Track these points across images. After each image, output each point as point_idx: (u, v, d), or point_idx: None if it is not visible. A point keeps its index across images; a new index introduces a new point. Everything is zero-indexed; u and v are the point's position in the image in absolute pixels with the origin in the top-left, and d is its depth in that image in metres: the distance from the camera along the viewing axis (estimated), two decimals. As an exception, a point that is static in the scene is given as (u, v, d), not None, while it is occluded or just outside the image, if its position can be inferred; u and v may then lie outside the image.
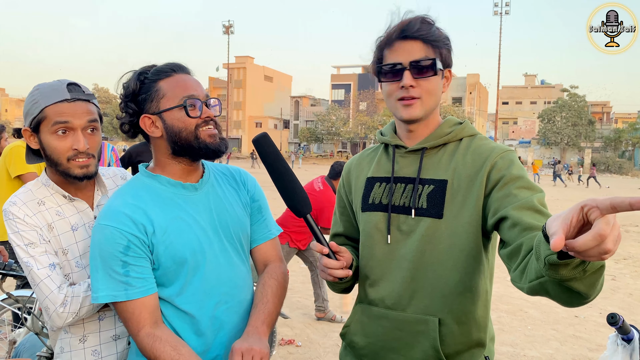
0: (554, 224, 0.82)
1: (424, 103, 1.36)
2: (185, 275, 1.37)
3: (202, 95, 1.40)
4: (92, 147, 1.49)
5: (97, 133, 1.51)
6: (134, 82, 1.39)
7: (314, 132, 62.31)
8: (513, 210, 1.19)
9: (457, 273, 1.32)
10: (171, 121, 1.37)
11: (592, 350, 4.44)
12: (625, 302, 5.96)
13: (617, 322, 1.55)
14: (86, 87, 1.53)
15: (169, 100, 1.37)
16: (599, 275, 0.96)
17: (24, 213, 1.44)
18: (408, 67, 1.33)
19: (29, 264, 1.41)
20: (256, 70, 74.74)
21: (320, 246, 1.31)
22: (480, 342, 1.37)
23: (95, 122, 1.50)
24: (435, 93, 1.37)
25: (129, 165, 4.57)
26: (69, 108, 1.45)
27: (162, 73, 1.39)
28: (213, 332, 1.41)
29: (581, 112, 52.65)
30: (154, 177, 1.41)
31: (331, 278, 1.34)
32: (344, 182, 1.61)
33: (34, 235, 1.43)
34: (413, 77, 1.33)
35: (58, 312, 1.39)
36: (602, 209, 0.77)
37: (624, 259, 8.52)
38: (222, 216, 1.46)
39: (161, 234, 1.34)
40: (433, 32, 1.34)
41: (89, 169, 1.49)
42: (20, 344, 2.21)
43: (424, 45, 1.34)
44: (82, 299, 1.42)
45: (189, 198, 1.42)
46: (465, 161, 1.35)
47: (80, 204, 1.55)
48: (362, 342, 1.45)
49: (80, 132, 1.46)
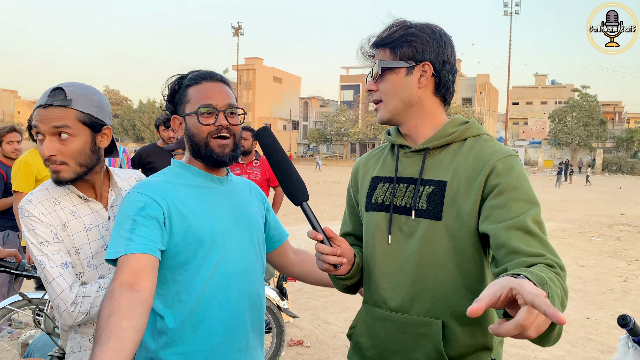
0: (485, 291, 0.87)
1: (386, 104, 1.40)
2: (203, 256, 1.42)
3: (222, 104, 1.49)
4: (61, 154, 1.46)
5: (69, 139, 1.46)
6: (173, 85, 1.55)
7: (323, 133, 62.33)
8: (503, 231, 1.18)
9: (459, 275, 1.31)
10: (189, 125, 1.50)
11: (604, 353, 4.40)
12: (637, 304, 5.89)
13: (628, 323, 1.53)
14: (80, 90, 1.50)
15: (190, 106, 1.49)
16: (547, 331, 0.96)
17: (39, 211, 1.46)
18: (373, 75, 1.41)
19: (42, 262, 1.43)
20: (265, 71, 74.94)
21: (314, 233, 1.29)
22: (487, 345, 1.35)
23: (63, 127, 1.44)
24: (394, 92, 1.38)
25: (140, 166, 4.61)
26: (40, 114, 1.45)
27: (194, 80, 1.51)
28: (221, 317, 1.45)
29: (592, 112, 52.20)
30: (185, 167, 1.53)
31: (326, 266, 1.31)
32: (352, 181, 1.61)
33: (48, 233, 1.45)
34: (374, 82, 1.42)
35: (69, 311, 1.41)
36: (526, 300, 0.82)
37: (636, 261, 8.43)
38: (243, 212, 1.57)
39: (186, 211, 1.41)
40: (387, 37, 1.39)
41: (59, 175, 1.47)
42: (32, 344, 2.23)
43: (382, 50, 1.40)
44: (92, 299, 1.43)
45: (215, 189, 1.53)
46: (467, 163, 1.33)
47: (95, 205, 1.57)
48: (367, 343, 1.44)
49: (48, 138, 1.45)
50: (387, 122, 1.42)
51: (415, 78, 1.37)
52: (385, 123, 1.43)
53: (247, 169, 4.99)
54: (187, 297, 1.42)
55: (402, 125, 1.43)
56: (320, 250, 1.29)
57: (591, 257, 8.70)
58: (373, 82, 1.42)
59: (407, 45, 1.36)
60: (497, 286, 0.87)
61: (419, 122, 1.41)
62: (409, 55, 1.36)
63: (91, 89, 1.55)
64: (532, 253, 1.14)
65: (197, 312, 1.42)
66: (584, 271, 7.49)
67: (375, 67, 1.40)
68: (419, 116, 1.41)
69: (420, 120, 1.41)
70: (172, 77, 1.57)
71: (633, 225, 12.87)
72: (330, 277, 1.50)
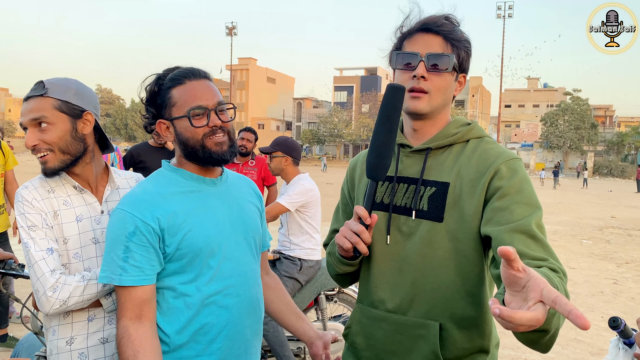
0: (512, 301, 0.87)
1: (432, 98, 1.34)
2: (200, 264, 1.40)
3: (212, 103, 1.43)
4: (44, 142, 1.49)
5: (48, 127, 1.49)
6: (152, 86, 1.46)
7: (316, 134, 62.34)
8: (505, 233, 1.17)
9: (459, 278, 1.30)
10: (180, 129, 1.43)
11: (594, 355, 4.43)
12: (627, 306, 5.94)
13: (618, 326, 1.53)
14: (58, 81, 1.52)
15: (178, 110, 1.42)
16: (536, 336, 1.00)
17: (32, 197, 1.49)
18: (424, 58, 1.32)
19: (28, 244, 1.44)
20: (259, 72, 74.85)
21: (365, 212, 1.25)
22: (483, 349, 1.35)
23: (40, 118, 1.48)
24: (444, 91, 1.35)
25: (131, 165, 4.58)
26: (23, 108, 1.53)
27: (176, 81, 1.43)
28: (220, 323, 1.43)
29: (584, 116, 52.60)
30: (176, 171, 1.47)
31: (349, 245, 1.26)
32: (348, 178, 1.59)
33: (37, 218, 1.47)
34: (426, 70, 1.32)
35: (47, 295, 1.40)
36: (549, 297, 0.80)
37: (626, 263, 8.49)
38: (239, 213, 1.53)
39: (180, 221, 1.38)
40: (456, 31, 1.34)
41: (46, 165, 1.51)
42: (19, 344, 2.20)
43: (443, 41, 1.33)
44: (73, 288, 1.42)
45: (209, 192, 1.48)
46: (470, 165, 1.32)
47: (89, 197, 1.58)
48: (363, 343, 1.43)
49: (30, 130, 1.50)
50: (422, 115, 1.36)
51: (455, 84, 1.38)
52: (419, 116, 1.37)
53: (244, 169, 4.99)
54: (185, 304, 1.40)
55: (426, 122, 1.39)
56: (358, 231, 1.25)
57: (582, 259, 8.75)
58: (425, 70, 1.32)
59: (464, 50, 1.36)
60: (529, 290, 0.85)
61: (435, 122, 1.40)
62: (461, 62, 1.36)
63: (71, 80, 1.57)
64: (535, 257, 1.13)
65: (196, 319, 1.41)
66: (574, 273, 7.52)
67: (440, 59, 1.32)
68: (440, 117, 1.40)
69: (436, 121, 1.40)
70: (149, 78, 1.48)
71: (623, 228, 12.96)
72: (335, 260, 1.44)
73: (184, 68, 1.46)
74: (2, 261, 2.07)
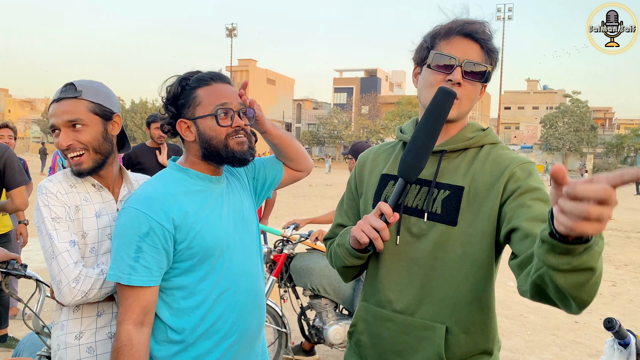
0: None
1: (462, 105, 1.34)
2: (210, 262, 1.44)
3: (236, 105, 1.47)
4: (78, 142, 1.53)
5: (83, 129, 1.54)
6: (175, 87, 1.48)
7: (316, 135, 62.35)
8: (525, 222, 1.16)
9: (468, 282, 1.30)
10: (203, 128, 1.45)
11: (592, 356, 4.44)
12: (625, 308, 5.95)
13: (613, 326, 1.55)
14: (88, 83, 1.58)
15: (204, 108, 1.45)
16: (583, 277, 0.92)
17: (57, 190, 1.53)
18: (462, 64, 1.30)
19: (52, 235, 1.47)
20: (259, 73, 74.87)
21: (389, 209, 1.24)
22: (487, 351, 1.36)
23: (76, 120, 1.52)
24: (473, 99, 1.36)
25: (129, 166, 4.58)
26: (54, 109, 1.55)
27: (202, 81, 1.47)
28: (231, 319, 1.48)
29: (583, 118, 52.59)
30: (183, 171, 1.50)
31: (366, 240, 1.26)
32: (356, 173, 1.58)
33: (62, 211, 1.50)
34: (462, 76, 1.31)
35: (70, 287, 1.43)
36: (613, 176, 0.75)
37: (624, 265, 8.51)
38: (239, 209, 1.57)
39: (192, 221, 1.41)
40: (492, 42, 1.34)
41: (80, 167, 1.55)
42: (21, 343, 2.22)
43: (481, 50, 1.32)
44: (94, 281, 1.47)
45: (214, 190, 1.51)
46: (484, 169, 1.32)
47: (106, 194, 1.63)
48: (368, 342, 1.44)
49: (63, 131, 1.53)
50: (449, 120, 1.35)
51: (479, 93, 1.38)
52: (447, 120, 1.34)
53: None
54: (196, 303, 1.43)
55: (451, 125, 1.39)
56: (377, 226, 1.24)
57: (580, 261, 8.75)
58: (461, 76, 1.31)
59: (495, 61, 1.36)
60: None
61: (454, 125, 1.40)
62: (491, 72, 1.36)
63: (98, 83, 1.63)
64: None
65: (208, 317, 1.44)
66: (573, 275, 7.53)
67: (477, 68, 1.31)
68: (459, 122, 1.40)
69: (455, 125, 1.40)
70: (171, 78, 1.52)
71: (622, 230, 12.97)
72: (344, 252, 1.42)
73: (210, 71, 1.50)
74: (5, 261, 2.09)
